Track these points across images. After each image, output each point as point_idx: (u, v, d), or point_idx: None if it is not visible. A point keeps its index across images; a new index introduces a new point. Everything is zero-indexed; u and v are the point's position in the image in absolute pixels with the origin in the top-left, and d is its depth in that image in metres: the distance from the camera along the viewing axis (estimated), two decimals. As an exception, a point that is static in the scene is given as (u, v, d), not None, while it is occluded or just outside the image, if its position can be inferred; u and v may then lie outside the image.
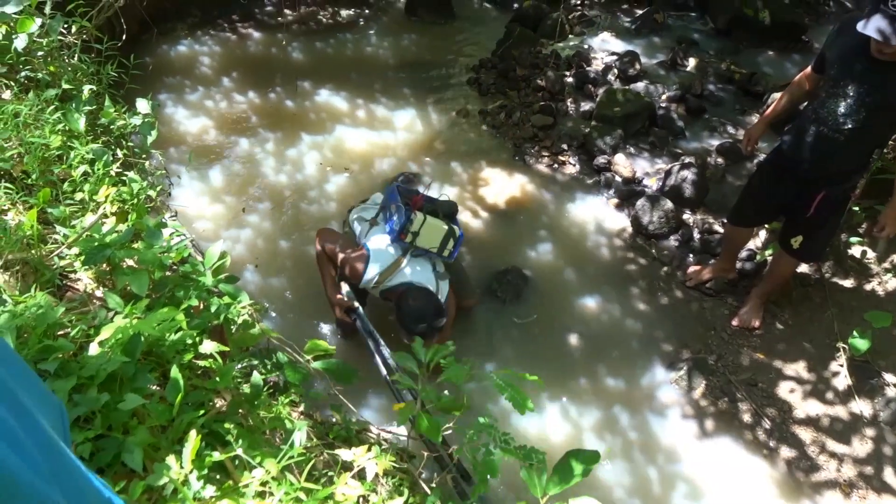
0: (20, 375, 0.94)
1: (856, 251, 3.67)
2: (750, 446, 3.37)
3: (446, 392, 2.35)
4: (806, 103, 3.18)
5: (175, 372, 1.65)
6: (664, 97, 5.53)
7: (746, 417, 3.46)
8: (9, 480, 0.73)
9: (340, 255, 3.32)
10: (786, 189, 3.27)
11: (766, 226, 3.97)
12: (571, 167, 4.94)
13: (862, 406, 3.31)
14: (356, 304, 3.37)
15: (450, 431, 2.32)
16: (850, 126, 2.88)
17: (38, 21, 2.87)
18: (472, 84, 5.84)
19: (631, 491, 3.19)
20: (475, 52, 6.29)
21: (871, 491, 3.14)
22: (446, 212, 3.41)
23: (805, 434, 3.36)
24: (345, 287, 3.46)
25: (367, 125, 5.21)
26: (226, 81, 5.45)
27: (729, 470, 3.29)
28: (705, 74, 5.90)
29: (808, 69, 3.21)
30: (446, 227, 3.27)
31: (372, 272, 3.19)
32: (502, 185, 4.77)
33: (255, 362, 2.41)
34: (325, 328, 3.73)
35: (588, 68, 5.86)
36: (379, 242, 3.29)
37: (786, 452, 3.33)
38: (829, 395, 3.42)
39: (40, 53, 2.97)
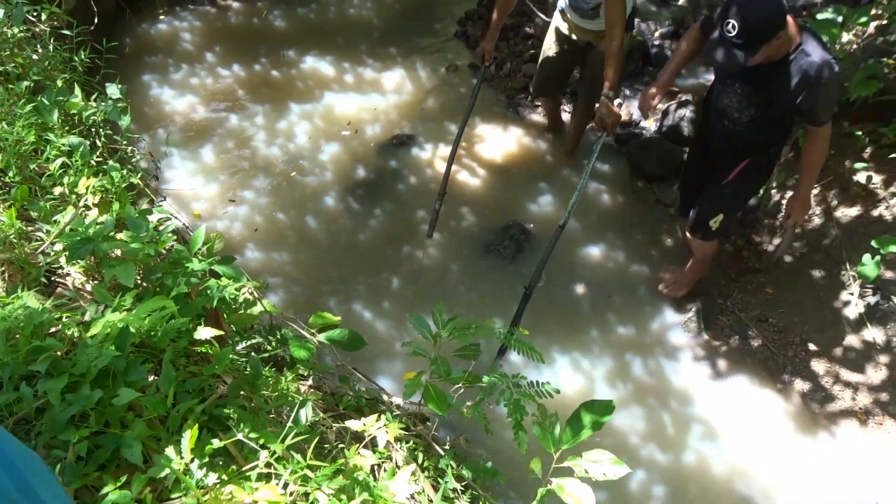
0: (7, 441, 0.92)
1: (861, 177, 3.58)
2: (763, 382, 3.36)
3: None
4: (710, 87, 3.05)
5: (166, 362, 1.63)
6: (657, 34, 5.36)
7: (758, 354, 3.44)
8: None
9: None
10: (712, 160, 3.14)
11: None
12: (566, 114, 4.83)
13: (874, 333, 3.27)
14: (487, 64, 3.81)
15: (462, 390, 2.32)
16: (745, 120, 2.81)
17: (1, 11, 2.78)
18: (460, 37, 5.68)
19: (645, 436, 3.19)
20: (461, 5, 6.12)
21: (887, 417, 3.13)
22: None
23: (818, 365, 3.34)
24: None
25: (356, 89, 5.11)
26: (209, 56, 5.33)
27: (743, 407, 3.29)
28: (698, 6, 5.70)
29: (697, 30, 2.93)
30: None
31: None
32: (498, 140, 4.69)
33: (260, 340, 2.40)
34: (332, 300, 3.71)
35: (577, 10, 5.69)
36: None
37: (800, 385, 3.31)
38: (841, 325, 3.38)
39: (7, 45, 2.89)
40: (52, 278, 2.07)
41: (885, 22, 3.75)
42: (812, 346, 3.39)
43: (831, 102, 2.67)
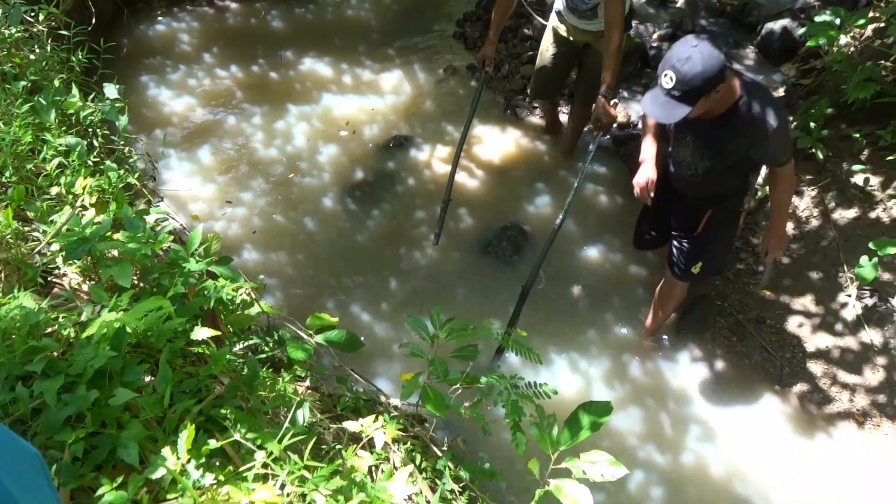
0: None
1: (858, 179, 3.58)
2: (761, 383, 3.36)
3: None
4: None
5: (163, 362, 1.62)
6: (655, 36, 5.38)
7: (756, 355, 3.44)
8: None
9: None
10: (677, 207, 3.10)
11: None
12: (564, 116, 4.84)
13: (872, 335, 3.27)
14: (488, 69, 3.82)
15: (460, 391, 2.32)
16: (701, 171, 2.76)
17: (-1, 11, 2.78)
18: (458, 39, 5.68)
19: (643, 437, 3.19)
20: (459, 5, 6.12)
21: (884, 418, 3.13)
22: None
23: (816, 367, 3.34)
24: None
25: (354, 90, 5.11)
26: (207, 57, 5.33)
27: (741, 409, 3.29)
28: (696, 9, 5.72)
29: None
30: None
31: None
32: (496, 142, 4.69)
33: (257, 341, 2.39)
34: (329, 301, 3.70)
35: (575, 12, 5.69)
36: None
37: (797, 387, 3.31)
38: (839, 327, 3.38)
39: (5, 45, 2.88)
40: (49, 278, 2.06)
41: (882, 24, 3.75)
42: (810, 348, 3.39)
43: (786, 145, 2.62)
